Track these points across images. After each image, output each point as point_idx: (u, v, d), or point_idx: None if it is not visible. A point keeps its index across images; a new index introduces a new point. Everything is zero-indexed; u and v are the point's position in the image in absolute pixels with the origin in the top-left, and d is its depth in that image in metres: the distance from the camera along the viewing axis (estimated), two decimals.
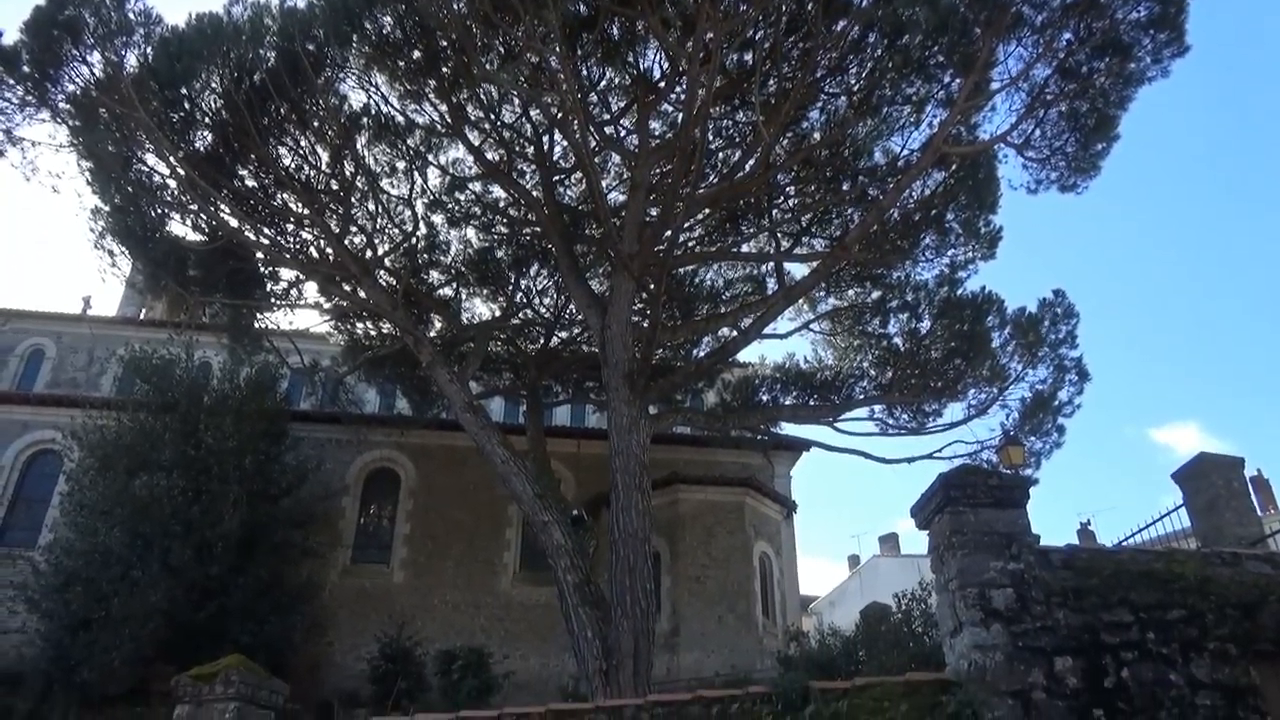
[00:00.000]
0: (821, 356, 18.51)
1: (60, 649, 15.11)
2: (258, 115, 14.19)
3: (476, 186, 17.70)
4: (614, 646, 11.89)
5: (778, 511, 21.02)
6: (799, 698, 5.84)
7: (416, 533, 20.60)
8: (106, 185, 14.41)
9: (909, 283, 16.83)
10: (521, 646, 19.19)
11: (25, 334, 24.23)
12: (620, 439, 13.43)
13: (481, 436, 14.30)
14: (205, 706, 7.19)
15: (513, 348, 19.61)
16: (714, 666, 16.98)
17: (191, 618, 15.34)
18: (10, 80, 13.26)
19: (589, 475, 20.49)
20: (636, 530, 12.69)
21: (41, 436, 20.78)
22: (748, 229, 17.56)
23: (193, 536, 15.76)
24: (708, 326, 17.76)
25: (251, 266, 16.73)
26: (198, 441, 16.79)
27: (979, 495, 6.06)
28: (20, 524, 20.10)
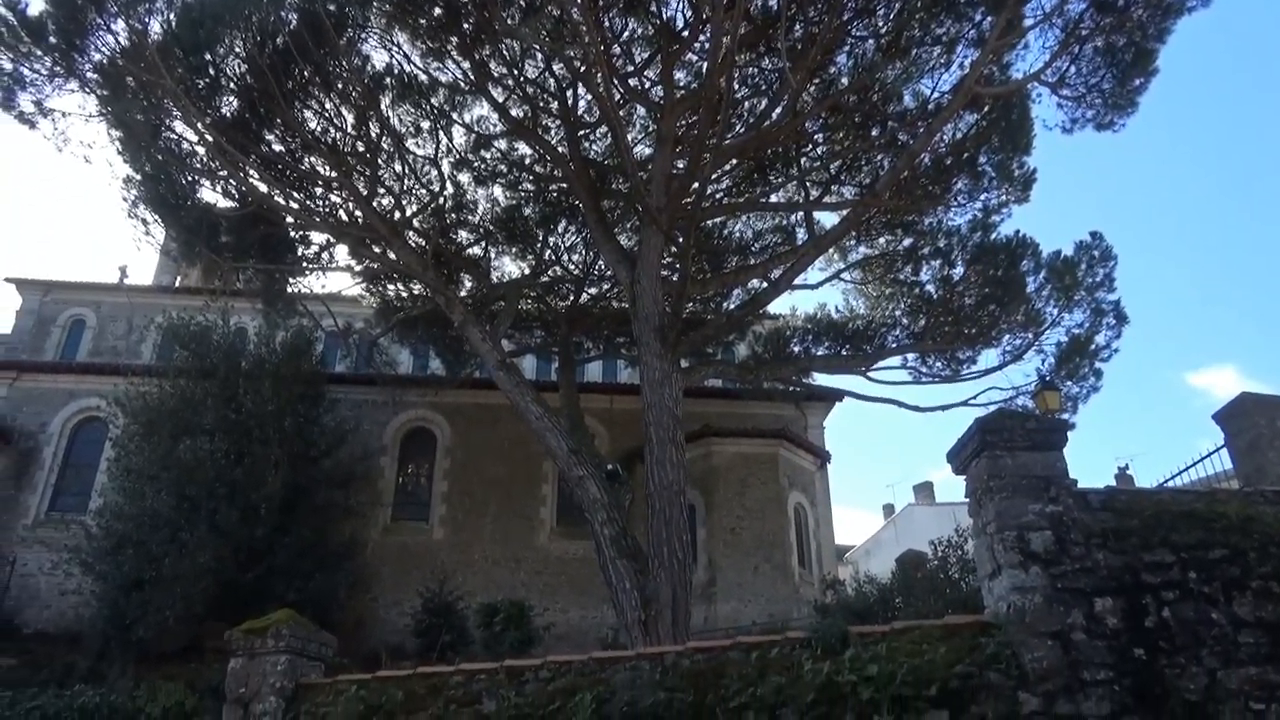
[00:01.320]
0: (853, 306, 18.40)
1: (115, 609, 15.60)
2: (282, 79, 14.19)
3: (502, 144, 17.62)
4: (652, 597, 12.04)
5: (811, 462, 21.06)
6: (838, 642, 5.90)
7: (454, 490, 20.92)
8: (137, 154, 14.53)
9: (941, 229, 16.62)
10: (560, 599, 19.52)
11: (66, 305, 24.68)
12: (653, 393, 13.48)
13: (515, 394, 14.41)
14: (258, 659, 7.41)
15: (543, 305, 19.66)
16: (751, 616, 17.18)
17: (239, 577, 15.74)
18: (38, 51, 13.33)
19: (622, 430, 20.62)
20: (671, 483, 12.78)
21: (87, 404, 21.26)
22: (776, 179, 17.36)
23: (237, 498, 16.11)
24: (738, 278, 17.67)
25: (282, 231, 16.86)
26: (238, 405, 17.10)
27: (1016, 439, 6.03)
28: (70, 490, 20.66)
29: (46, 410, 21.20)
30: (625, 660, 6.59)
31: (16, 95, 13.58)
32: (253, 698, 7.29)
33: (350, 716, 6.90)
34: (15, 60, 13.35)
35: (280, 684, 7.27)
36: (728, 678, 6.03)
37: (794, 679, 5.78)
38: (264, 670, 7.34)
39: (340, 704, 7.05)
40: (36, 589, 19.14)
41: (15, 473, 20.43)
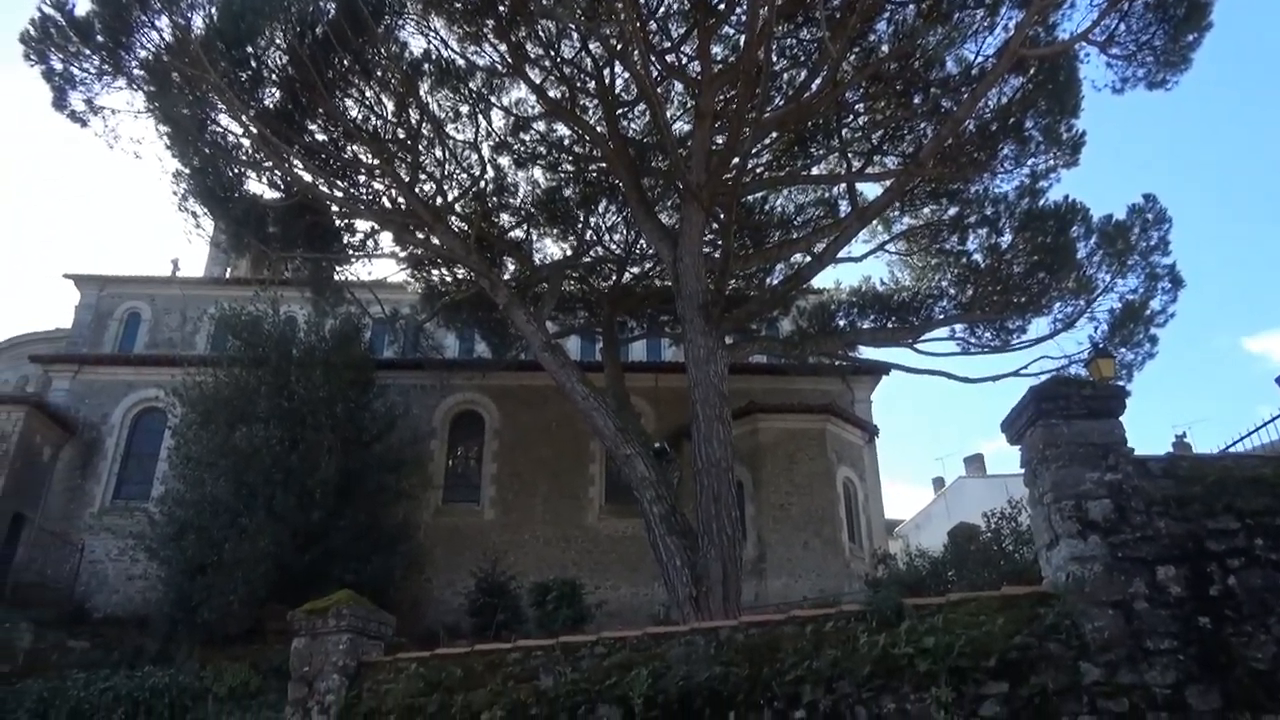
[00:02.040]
0: (898, 277, 18.17)
1: (181, 593, 16.09)
2: (322, 68, 14.33)
3: (540, 126, 17.62)
4: (703, 574, 12.09)
5: (859, 436, 20.92)
6: (893, 614, 5.88)
7: (503, 472, 21.15)
8: (185, 148, 14.80)
9: (987, 196, 16.31)
10: (611, 577, 19.68)
11: (121, 298, 25.29)
12: (698, 370, 13.46)
13: (561, 375, 14.49)
14: (320, 639, 7.59)
15: (586, 286, 19.70)
16: (801, 591, 17.18)
17: (298, 560, 16.12)
18: (86, 50, 13.61)
19: (668, 408, 20.67)
20: (719, 460, 12.79)
21: (145, 395, 21.84)
22: (817, 151, 17.15)
23: (293, 484, 16.47)
24: (780, 253, 17.53)
25: (328, 220, 17.09)
26: (290, 393, 17.45)
27: (1072, 406, 5.92)
28: (133, 478, 21.29)
29: (108, 401, 21.82)
30: (680, 635, 6.63)
31: (68, 95, 13.91)
32: (316, 676, 7.47)
33: (412, 693, 7.05)
34: (65, 60, 13.65)
35: (343, 662, 7.44)
36: (783, 651, 6.04)
37: (850, 652, 5.77)
38: (326, 649, 7.52)
39: (401, 681, 7.20)
40: (105, 575, 19.79)
41: (81, 463, 21.10)
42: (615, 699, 6.31)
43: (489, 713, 6.69)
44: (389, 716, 7.06)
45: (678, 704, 6.06)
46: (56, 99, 13.96)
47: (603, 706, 6.34)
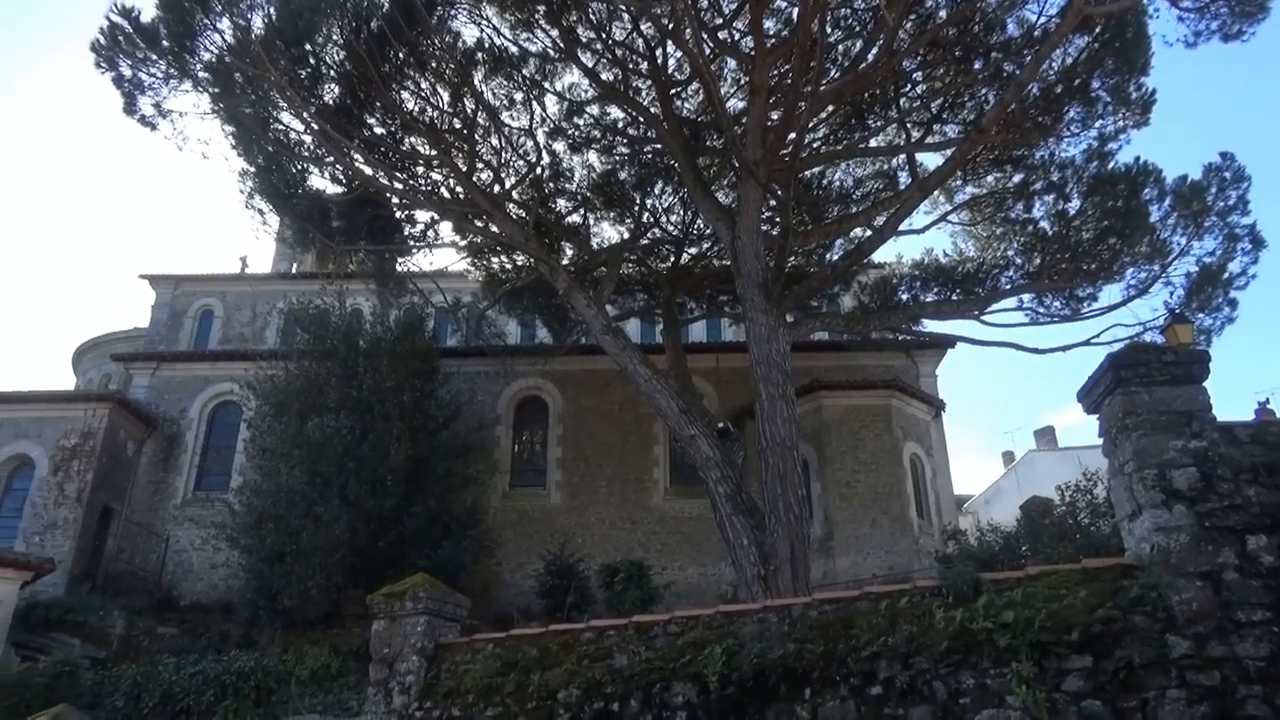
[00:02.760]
0: (962, 248, 17.78)
1: (262, 580, 16.61)
2: (379, 62, 14.51)
3: (594, 109, 17.63)
4: (770, 552, 12.06)
5: (925, 411, 20.61)
6: (970, 589, 5.79)
7: (568, 455, 21.35)
8: (249, 147, 15.16)
9: (1054, 161, 15.86)
10: (678, 558, 19.77)
11: (194, 296, 26.08)
12: (760, 349, 13.38)
13: (623, 358, 14.54)
14: (398, 621, 7.78)
15: (644, 268, 19.70)
16: (870, 569, 17.04)
17: (372, 546, 16.52)
18: (153, 55, 13.99)
19: (730, 388, 20.63)
20: (784, 438, 12.71)
21: (221, 389, 22.53)
22: (875, 122, 16.85)
23: (365, 472, 16.85)
24: (840, 228, 17.29)
25: (389, 212, 17.35)
26: (359, 383, 17.84)
27: (1153, 373, 5.74)
28: (212, 470, 22.02)
29: (186, 397, 22.56)
30: (752, 613, 6.64)
31: (137, 100, 14.32)
32: (396, 657, 7.66)
33: (489, 673, 7.19)
34: (134, 66, 14.05)
35: (421, 644, 7.61)
36: (857, 628, 6.00)
37: (925, 627, 5.71)
38: (405, 631, 7.70)
39: (478, 661, 7.34)
40: (190, 564, 20.52)
41: (163, 456, 21.88)
42: (690, 677, 6.34)
43: (565, 691, 6.79)
44: (467, 696, 7.21)
45: (752, 681, 6.08)
46: (127, 104, 14.40)
47: (678, 684, 6.38)
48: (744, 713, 6.03)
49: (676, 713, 6.29)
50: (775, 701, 5.97)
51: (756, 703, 6.03)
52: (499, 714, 6.99)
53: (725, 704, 6.12)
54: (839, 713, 5.71)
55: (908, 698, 5.55)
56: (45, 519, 19.27)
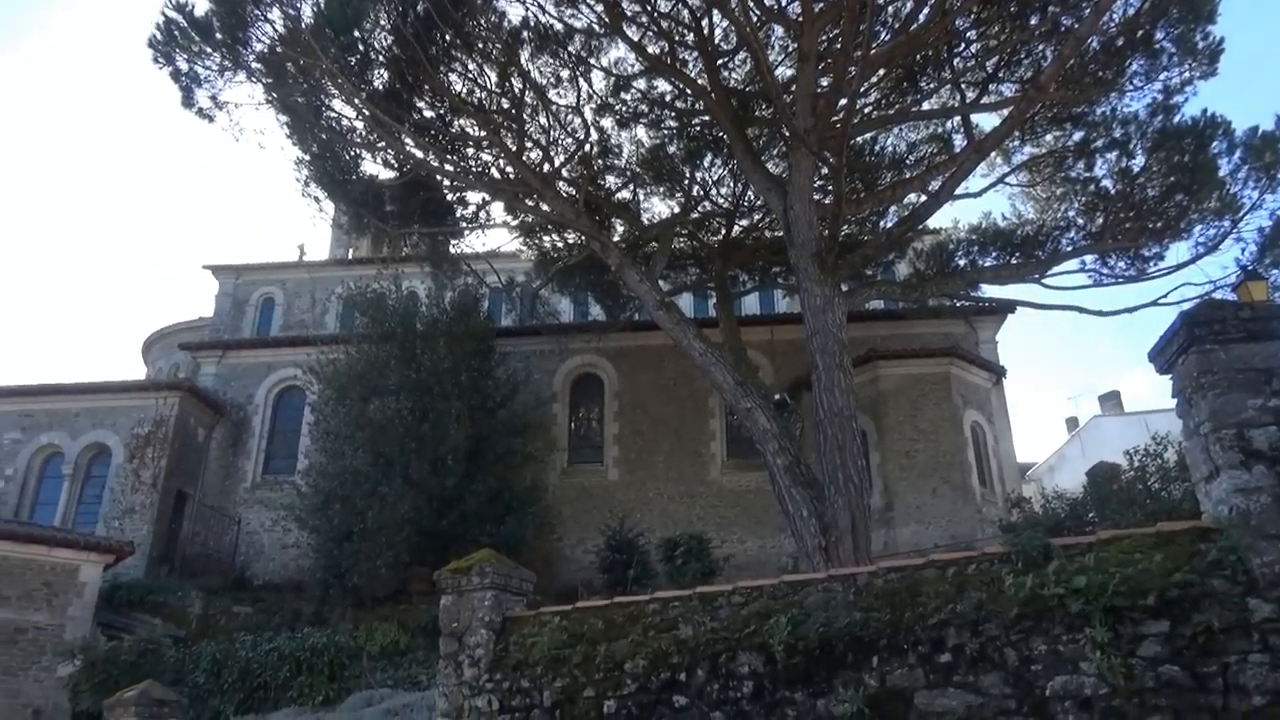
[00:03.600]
0: (1021, 211, 17.38)
1: (331, 559, 17.05)
2: (426, 45, 14.59)
3: (641, 84, 17.51)
4: (830, 524, 12.01)
5: (986, 378, 20.27)
6: (1040, 555, 5.70)
7: (625, 431, 21.47)
8: (303, 135, 15.40)
9: (1116, 117, 15.36)
10: (737, 530, 19.81)
11: (255, 285, 26.70)
12: (815, 319, 13.26)
13: (677, 332, 14.53)
14: (466, 596, 7.92)
15: (696, 242, 19.61)
16: (932, 538, 16.88)
17: (436, 525, 16.84)
18: (208, 49, 14.24)
19: (785, 360, 20.52)
20: (842, 409, 12.61)
21: (285, 375, 23.08)
22: (928, 85, 16.48)
23: (426, 452, 17.15)
24: (894, 194, 16.98)
25: (440, 195, 17.51)
26: (417, 365, 18.14)
27: (1229, 330, 5.55)
28: (279, 454, 22.62)
29: (251, 383, 23.16)
30: (817, 582, 6.63)
31: (194, 93, 14.61)
32: (465, 631, 7.81)
33: (556, 645, 7.29)
34: (190, 59, 14.32)
35: (489, 617, 7.75)
36: (924, 595, 5.96)
37: (995, 594, 5.65)
38: (473, 605, 7.84)
39: (545, 634, 7.44)
40: (261, 545, 21.15)
41: (231, 441, 22.52)
42: (755, 646, 6.36)
43: (632, 662, 6.86)
44: (536, 667, 7.33)
45: (819, 650, 6.07)
46: (184, 98, 14.69)
47: (744, 654, 6.41)
48: (811, 681, 6.03)
49: (743, 682, 6.33)
50: (843, 670, 5.97)
51: (823, 671, 6.03)
52: (567, 684, 7.10)
53: (792, 673, 6.13)
54: (908, 680, 5.69)
55: (978, 665, 5.50)
56: (123, 504, 19.99)
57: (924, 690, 5.62)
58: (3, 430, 21.02)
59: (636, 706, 6.71)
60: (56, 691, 14.45)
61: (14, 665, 14.47)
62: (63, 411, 21.17)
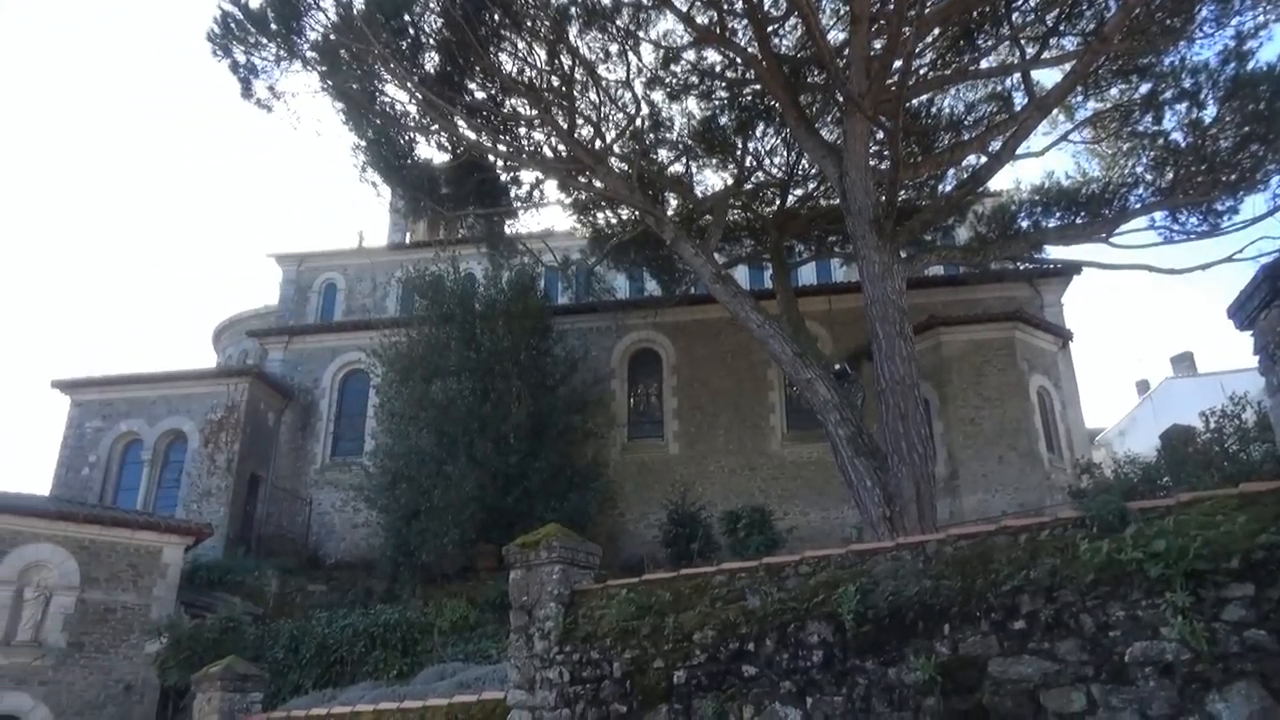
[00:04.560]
0: (1085, 168, 16.83)
1: (400, 538, 17.44)
2: (475, 26, 14.65)
3: (690, 55, 17.35)
4: (895, 493, 11.91)
5: (1051, 342, 19.81)
6: (1116, 519, 5.57)
7: (683, 405, 21.49)
8: (359, 121, 15.62)
9: (1185, 66, 14.77)
10: (799, 502, 19.74)
11: (318, 271, 27.25)
12: (874, 287, 13.07)
13: (734, 304, 14.46)
14: (534, 570, 8.05)
15: (750, 213, 19.44)
16: (999, 506, 16.64)
17: (500, 502, 17.09)
18: (264, 40, 14.52)
19: (843, 330, 20.32)
20: (903, 377, 12.45)
21: (349, 358, 23.59)
22: (985, 42, 16.02)
23: (488, 430, 17.40)
24: (952, 157, 16.59)
25: (494, 176, 17.63)
26: (477, 345, 18.37)
27: None
28: (346, 436, 23.16)
29: (317, 367, 23.72)
30: (885, 551, 6.57)
31: (252, 84, 14.91)
32: (534, 604, 7.94)
33: (624, 617, 7.37)
34: (247, 51, 14.61)
35: (557, 591, 7.86)
36: (995, 563, 5.87)
37: (1069, 560, 5.54)
38: (541, 579, 7.96)
39: (613, 606, 7.53)
40: (332, 524, 21.71)
41: (300, 425, 23.12)
42: (824, 615, 6.35)
43: (700, 633, 6.90)
44: (605, 639, 7.42)
45: (889, 618, 6.04)
46: (243, 89, 15.00)
47: (812, 623, 6.40)
48: (882, 650, 6.01)
49: (813, 651, 6.32)
50: (913, 638, 5.92)
51: (894, 640, 6.00)
52: (636, 655, 7.17)
53: (862, 641, 6.11)
54: (981, 647, 5.62)
55: (1053, 631, 5.41)
56: (200, 487, 20.67)
57: (998, 658, 5.55)
58: (85, 419, 21.85)
59: (706, 676, 6.76)
60: (145, 667, 15.08)
61: (105, 643, 15.12)
62: (141, 400, 21.92)
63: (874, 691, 5.97)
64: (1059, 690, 5.26)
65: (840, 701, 6.09)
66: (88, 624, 15.08)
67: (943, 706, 5.61)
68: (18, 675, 14.39)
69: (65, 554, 15.19)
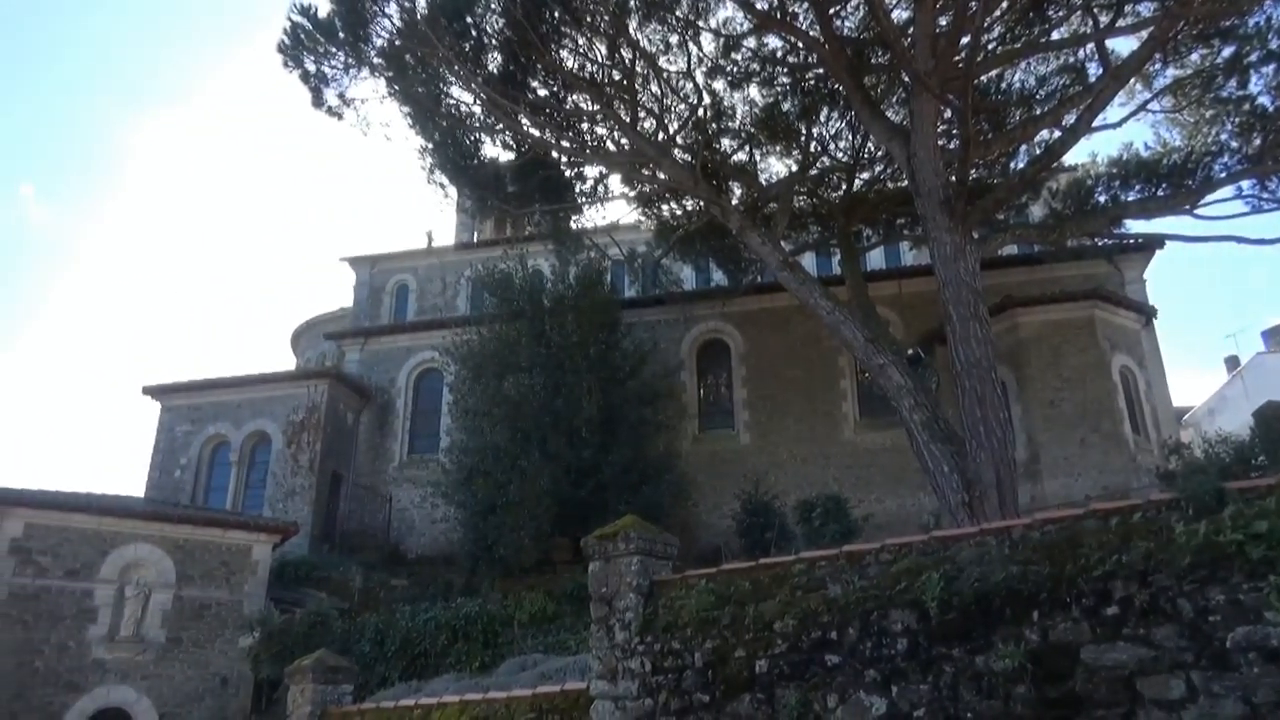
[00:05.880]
0: (1166, 138, 16.28)
1: (477, 532, 17.74)
2: (536, 24, 14.77)
3: (751, 42, 17.20)
4: (974, 479, 11.70)
5: (1134, 320, 19.19)
6: (1213, 500, 5.38)
7: (754, 395, 21.40)
8: (426, 124, 15.90)
9: (1271, 26, 14.18)
10: (874, 490, 19.50)
11: (390, 273, 27.85)
12: (947, 269, 12.83)
13: (803, 292, 14.34)
14: (613, 561, 8.11)
15: (815, 199, 19.24)
16: (1082, 490, 16.21)
17: (574, 495, 17.24)
18: (332, 48, 14.89)
19: (915, 314, 19.99)
20: (979, 359, 12.21)
21: (423, 357, 24.06)
22: (1056, 12, 15.54)
23: (561, 425, 17.57)
24: (1025, 133, 16.14)
25: (558, 173, 17.79)
26: (547, 340, 18.56)
27: None
28: (422, 433, 23.65)
29: (392, 367, 24.27)
30: (969, 537, 6.46)
31: (323, 92, 15.31)
32: (614, 595, 8.00)
33: (704, 607, 7.38)
34: (316, 60, 15.00)
35: (636, 582, 7.91)
36: (1085, 547, 5.72)
37: (1164, 543, 5.37)
38: (620, 571, 8.02)
39: (693, 597, 7.55)
40: (412, 520, 22.20)
41: (378, 424, 23.67)
42: (907, 603, 6.27)
43: (781, 622, 6.88)
44: (685, 629, 7.45)
45: (974, 605, 5.94)
46: (314, 98, 15.40)
47: (895, 611, 6.33)
48: (968, 637, 5.91)
49: (897, 639, 6.25)
50: (1001, 625, 5.81)
51: (981, 627, 5.89)
52: (717, 645, 7.18)
53: (947, 629, 6.02)
54: (1072, 633, 5.49)
55: (1149, 617, 5.26)
56: (285, 487, 21.33)
57: (1090, 644, 5.42)
58: (175, 423, 22.72)
59: (788, 665, 6.74)
60: (239, 661, 15.66)
61: (201, 638, 15.74)
62: (226, 403, 22.69)
63: (961, 680, 5.88)
64: (1157, 677, 5.11)
65: (926, 690, 6.02)
66: (185, 620, 15.72)
67: (1034, 694, 5.50)
68: (122, 669, 15.07)
69: (161, 553, 15.84)
